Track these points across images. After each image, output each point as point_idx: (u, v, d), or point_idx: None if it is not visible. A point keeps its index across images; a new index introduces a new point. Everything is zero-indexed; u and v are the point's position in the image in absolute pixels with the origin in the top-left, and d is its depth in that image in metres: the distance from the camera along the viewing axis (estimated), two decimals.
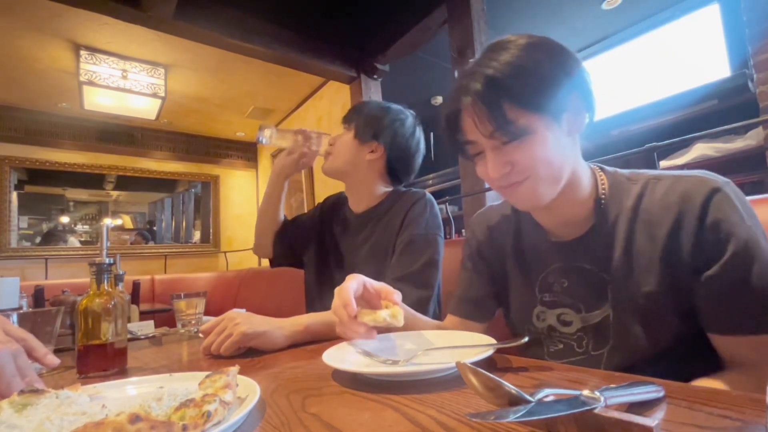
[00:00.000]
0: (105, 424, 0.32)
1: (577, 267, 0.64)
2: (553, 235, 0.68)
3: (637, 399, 0.31)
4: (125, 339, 0.68)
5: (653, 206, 0.58)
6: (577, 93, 0.59)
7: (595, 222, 0.63)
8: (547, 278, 0.67)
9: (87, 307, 0.64)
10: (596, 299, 0.62)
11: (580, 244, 0.64)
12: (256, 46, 2.65)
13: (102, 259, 0.67)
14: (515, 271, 0.73)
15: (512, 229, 0.75)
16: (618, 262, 0.60)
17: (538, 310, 0.68)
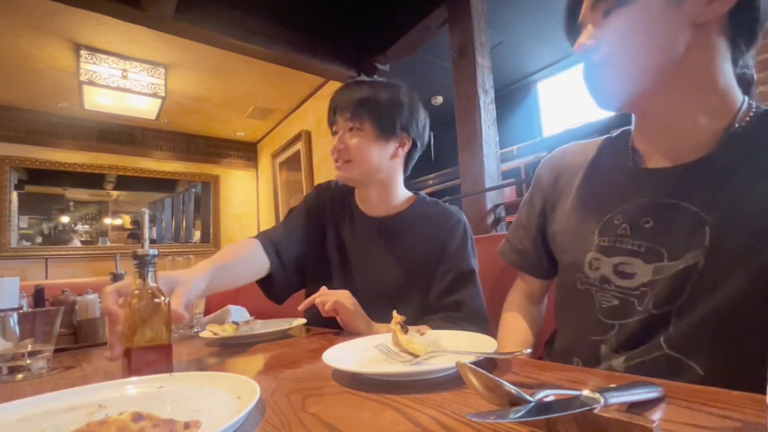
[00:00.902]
0: (108, 422, 0.32)
1: (672, 204, 0.52)
2: (650, 160, 0.56)
3: (637, 399, 0.31)
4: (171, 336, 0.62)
5: None
6: None
7: (719, 149, 0.50)
8: (614, 218, 0.56)
9: (139, 305, 0.58)
10: (686, 245, 0.49)
11: (685, 173, 0.52)
12: (256, 46, 2.66)
13: (145, 250, 0.60)
14: (577, 207, 0.62)
15: (587, 161, 0.63)
16: (731, 201, 0.47)
17: (591, 255, 0.58)
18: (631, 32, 0.50)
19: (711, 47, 0.49)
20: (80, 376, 0.67)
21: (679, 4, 0.48)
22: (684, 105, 0.51)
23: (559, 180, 0.67)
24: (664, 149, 0.54)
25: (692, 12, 0.47)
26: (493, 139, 2.29)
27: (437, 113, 4.97)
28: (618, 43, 0.51)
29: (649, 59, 0.50)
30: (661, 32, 0.49)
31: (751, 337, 0.47)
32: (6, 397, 0.50)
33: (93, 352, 0.88)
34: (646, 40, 0.49)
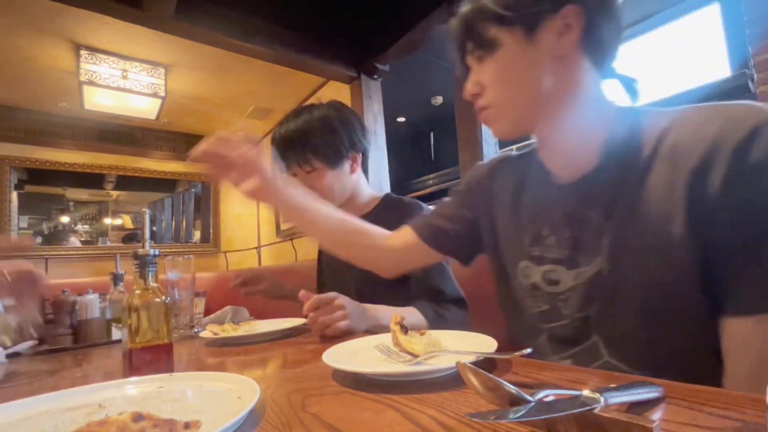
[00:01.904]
0: (108, 422, 0.32)
1: (579, 214, 0.56)
2: (557, 177, 0.61)
3: (637, 399, 0.31)
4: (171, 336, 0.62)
5: (681, 138, 0.47)
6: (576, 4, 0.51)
7: (602, 159, 0.54)
8: (542, 230, 0.61)
9: (140, 305, 0.58)
10: (592, 250, 0.54)
11: (582, 184, 0.56)
12: (256, 46, 2.65)
13: (146, 250, 0.60)
14: (510, 220, 0.66)
15: (518, 175, 0.68)
16: (625, 206, 0.51)
17: (524, 264, 0.62)
18: (501, 75, 0.55)
19: (576, 72, 0.54)
20: (80, 376, 0.67)
21: (536, 43, 0.53)
22: (566, 128, 0.56)
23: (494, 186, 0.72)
24: (563, 166, 0.60)
25: (548, 48, 0.53)
26: (492, 139, 2.29)
27: (437, 113, 4.97)
28: (493, 86, 0.56)
29: (523, 96, 0.55)
30: (526, 71, 0.54)
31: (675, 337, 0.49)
32: (6, 397, 0.50)
33: (93, 352, 0.88)
34: (515, 80, 0.55)
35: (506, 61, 0.55)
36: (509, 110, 0.57)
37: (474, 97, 0.59)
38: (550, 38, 0.52)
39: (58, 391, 0.45)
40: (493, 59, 0.55)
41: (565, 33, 0.52)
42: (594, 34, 0.53)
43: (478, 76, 0.58)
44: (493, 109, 0.58)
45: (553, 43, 0.52)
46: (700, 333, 0.48)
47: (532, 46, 0.53)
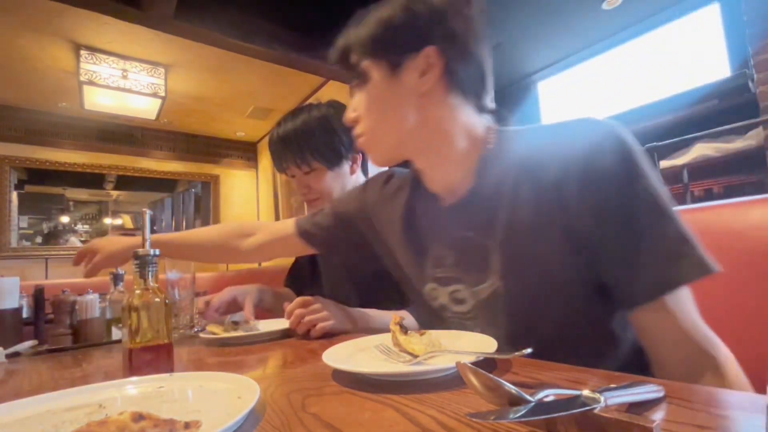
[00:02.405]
0: (108, 422, 0.32)
1: (461, 235, 0.59)
2: (442, 200, 0.63)
3: (637, 399, 0.31)
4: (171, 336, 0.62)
5: (540, 154, 0.53)
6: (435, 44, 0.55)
7: (475, 182, 0.58)
8: (440, 251, 0.62)
9: (140, 305, 0.58)
10: (482, 271, 0.56)
11: (460, 208, 0.60)
12: (256, 46, 2.66)
13: (146, 250, 0.60)
14: (408, 244, 0.67)
15: (405, 200, 0.69)
16: (502, 224, 0.54)
17: (430, 287, 0.64)
18: (370, 107, 0.59)
19: (441, 107, 0.57)
20: (80, 376, 0.67)
21: (399, 79, 0.56)
22: (438, 156, 0.60)
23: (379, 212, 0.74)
24: (443, 190, 0.63)
25: (411, 84, 0.56)
26: None
27: None
28: (364, 116, 0.60)
29: (389, 128, 0.59)
30: (391, 104, 0.57)
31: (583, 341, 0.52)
32: (6, 397, 0.50)
33: (93, 352, 0.88)
34: (381, 112, 0.59)
35: (374, 94, 0.59)
36: (378, 140, 0.61)
37: (352, 123, 0.63)
38: (412, 75, 0.56)
39: (58, 391, 0.45)
40: (364, 91, 0.60)
41: (427, 71, 0.55)
42: (454, 74, 0.56)
43: (355, 103, 0.62)
44: (365, 138, 0.62)
45: (416, 80, 0.56)
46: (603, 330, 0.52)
47: (396, 81, 0.56)
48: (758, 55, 1.87)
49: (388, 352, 0.56)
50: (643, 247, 0.46)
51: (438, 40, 0.55)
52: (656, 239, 0.46)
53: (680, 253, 0.46)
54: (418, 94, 0.56)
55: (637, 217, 0.47)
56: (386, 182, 0.76)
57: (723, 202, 0.72)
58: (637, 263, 0.47)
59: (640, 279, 0.47)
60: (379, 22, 0.56)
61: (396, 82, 0.56)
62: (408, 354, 0.53)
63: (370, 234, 0.77)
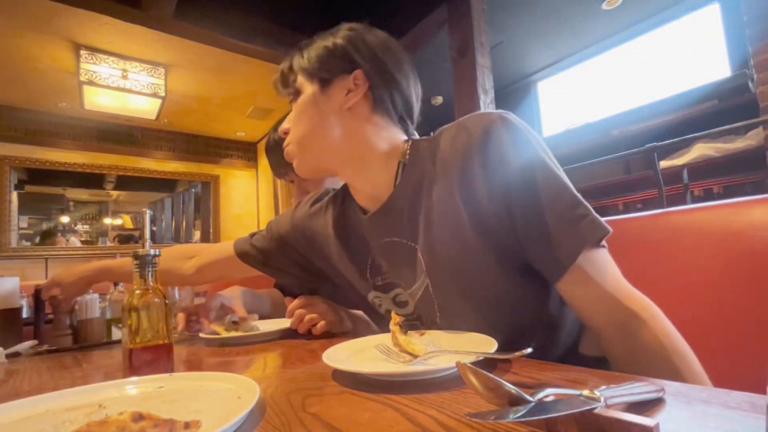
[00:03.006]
0: (108, 422, 0.32)
1: (390, 242, 0.63)
2: (367, 209, 0.67)
3: (637, 399, 0.31)
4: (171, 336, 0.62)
5: (444, 154, 0.58)
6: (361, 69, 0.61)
7: (395, 189, 0.62)
8: (375, 259, 0.66)
9: (140, 305, 0.58)
10: (412, 271, 0.60)
11: (384, 214, 0.63)
12: (256, 46, 2.66)
13: (146, 250, 0.60)
14: (346, 258, 0.70)
15: (335, 215, 0.73)
16: (423, 223, 0.58)
17: (372, 295, 0.67)
18: (297, 118, 0.64)
19: (363, 123, 0.63)
20: (80, 376, 0.67)
21: (327, 95, 0.62)
22: (361, 167, 0.64)
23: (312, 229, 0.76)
24: (367, 199, 0.66)
25: (336, 100, 0.62)
26: None
27: (437, 113, 4.97)
28: (294, 127, 0.65)
29: (313, 138, 0.63)
30: (316, 116, 0.62)
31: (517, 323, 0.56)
32: (6, 397, 0.50)
33: (93, 352, 0.88)
34: (307, 122, 0.63)
35: (302, 105, 0.64)
36: (302, 149, 0.65)
37: (283, 135, 0.68)
38: (340, 93, 0.62)
39: (58, 391, 0.45)
40: (297, 105, 0.65)
41: (353, 90, 0.62)
42: (378, 96, 0.63)
43: (289, 117, 0.68)
44: (291, 147, 0.66)
45: (341, 97, 0.62)
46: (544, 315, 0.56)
47: (324, 97, 0.62)
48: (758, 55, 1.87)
49: (388, 352, 0.56)
50: (549, 220, 0.50)
51: (366, 67, 0.62)
52: (557, 209, 0.50)
53: (577, 217, 0.50)
54: (342, 109, 0.62)
55: (538, 192, 0.51)
56: (314, 202, 0.79)
57: (723, 202, 0.72)
58: (547, 236, 0.50)
59: (554, 250, 0.50)
60: (321, 47, 0.63)
61: (325, 97, 0.62)
62: (408, 354, 0.53)
63: (308, 252, 0.78)
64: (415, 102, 0.67)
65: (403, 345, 0.53)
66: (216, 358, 0.72)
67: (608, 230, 0.50)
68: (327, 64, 0.62)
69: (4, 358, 0.81)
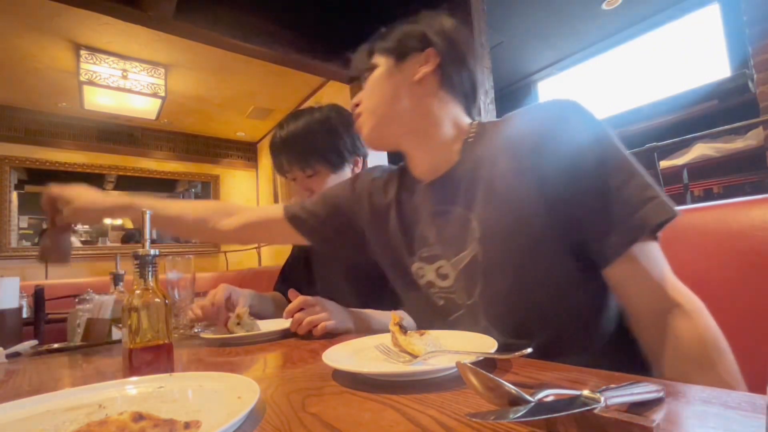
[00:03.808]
0: (108, 422, 0.32)
1: (443, 210, 0.65)
2: (422, 180, 0.71)
3: (637, 399, 0.31)
4: (171, 336, 0.62)
5: (514, 135, 0.60)
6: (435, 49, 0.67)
7: (457, 161, 0.66)
8: (424, 231, 0.68)
9: (140, 305, 0.58)
10: (462, 241, 0.62)
11: (443, 183, 0.67)
12: (256, 46, 2.65)
13: (146, 250, 0.60)
14: (395, 228, 0.73)
15: (394, 188, 0.76)
16: (483, 194, 0.60)
17: (416, 266, 0.69)
18: (371, 89, 0.69)
19: (431, 98, 0.67)
20: (80, 376, 0.67)
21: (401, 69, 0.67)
22: (424, 138, 0.68)
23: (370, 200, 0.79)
24: (427, 171, 0.70)
25: (409, 73, 0.67)
26: None
27: None
28: (366, 98, 0.70)
29: (385, 107, 0.68)
30: (390, 87, 0.67)
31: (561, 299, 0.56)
32: (6, 397, 0.50)
33: (93, 352, 0.88)
34: (380, 93, 0.68)
35: (377, 78, 0.69)
36: (374, 117, 0.69)
37: (354, 108, 0.72)
38: (411, 67, 0.67)
39: (58, 391, 0.45)
40: (370, 78, 0.70)
41: (424, 65, 0.66)
42: (446, 73, 0.67)
43: (360, 92, 0.72)
44: (363, 116, 0.70)
45: (413, 71, 0.67)
46: (578, 293, 0.56)
47: (397, 70, 0.68)
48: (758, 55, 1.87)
49: (388, 352, 0.56)
50: (614, 203, 0.51)
51: (438, 45, 0.67)
52: (624, 193, 0.51)
53: (644, 198, 0.51)
54: (413, 81, 0.66)
55: (607, 177, 0.52)
56: (376, 175, 0.82)
57: (723, 202, 0.72)
58: (609, 218, 0.51)
59: (613, 232, 0.51)
60: (400, 30, 0.70)
61: (398, 70, 0.67)
62: (408, 354, 0.53)
63: (358, 222, 0.80)
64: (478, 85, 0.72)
65: (403, 345, 0.53)
66: (216, 358, 0.72)
67: (675, 212, 0.50)
68: (404, 41, 0.68)
69: (4, 358, 0.81)
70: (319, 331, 0.77)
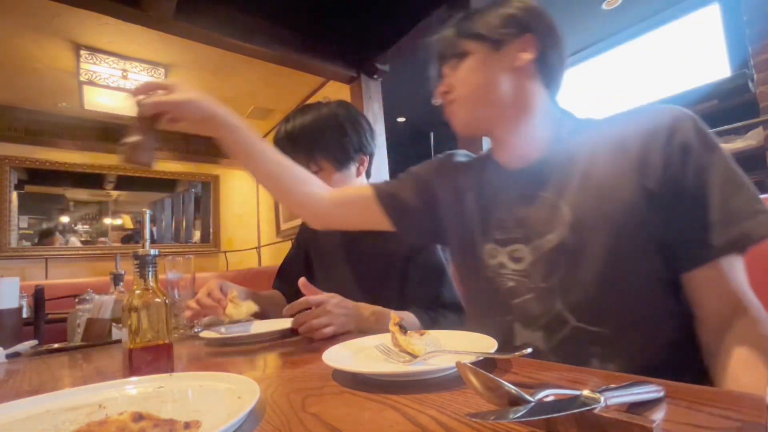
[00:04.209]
0: (108, 422, 0.32)
1: (531, 195, 0.66)
2: (508, 165, 0.72)
3: (637, 399, 0.31)
4: (171, 336, 0.62)
5: (620, 128, 0.61)
6: (533, 34, 0.66)
7: (552, 149, 0.67)
8: (502, 215, 0.69)
9: (140, 305, 0.58)
10: (550, 224, 0.62)
11: (534, 170, 0.67)
12: (256, 46, 2.65)
13: (146, 250, 0.60)
14: (473, 211, 0.74)
15: (477, 172, 0.77)
16: (579, 182, 0.61)
17: (489, 247, 0.70)
18: (469, 75, 0.68)
19: (528, 84, 0.67)
20: (80, 376, 0.67)
21: (499, 55, 0.66)
22: (517, 125, 0.68)
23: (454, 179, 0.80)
24: (515, 158, 0.71)
25: (508, 59, 0.66)
26: None
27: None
28: (461, 84, 0.68)
29: (483, 93, 0.67)
30: (489, 73, 0.66)
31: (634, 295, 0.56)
32: (6, 397, 0.50)
33: (93, 352, 0.88)
34: (479, 79, 0.67)
35: (474, 63, 0.67)
36: (470, 104, 0.68)
37: (444, 95, 0.71)
38: (510, 53, 0.66)
39: (58, 391, 0.45)
40: (463, 64, 0.68)
41: (523, 51, 0.66)
42: (544, 59, 0.67)
43: (450, 78, 0.70)
44: (457, 103, 0.69)
45: (513, 57, 0.66)
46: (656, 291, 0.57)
47: (496, 56, 0.66)
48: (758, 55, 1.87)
49: (388, 352, 0.56)
50: (717, 210, 0.52)
51: (539, 32, 0.66)
52: (732, 203, 0.52)
53: (753, 210, 0.52)
54: (512, 68, 0.66)
55: (712, 183, 0.53)
56: (460, 159, 0.83)
57: None
58: (708, 224, 0.52)
59: (710, 238, 0.52)
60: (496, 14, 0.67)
61: (497, 57, 0.66)
62: (408, 354, 0.53)
63: (445, 199, 0.80)
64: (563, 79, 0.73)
65: (403, 345, 0.53)
66: (216, 358, 0.72)
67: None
68: (502, 27, 0.66)
69: (4, 358, 0.81)
70: (317, 337, 0.77)
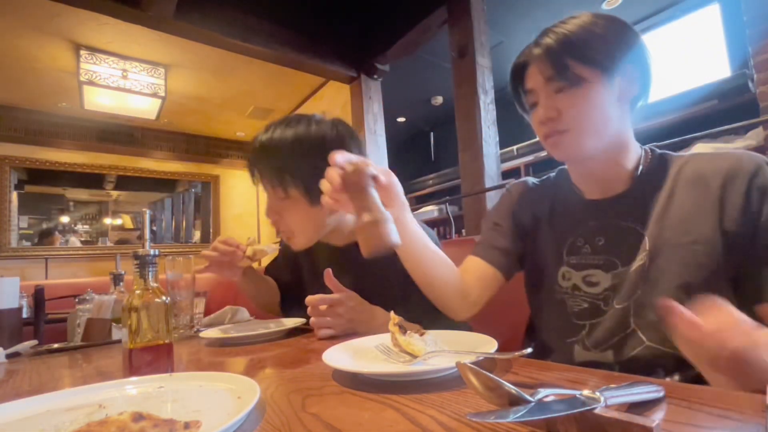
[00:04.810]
0: (108, 422, 0.32)
1: (613, 224, 0.68)
2: (589, 194, 0.73)
3: (637, 399, 0.31)
4: (171, 336, 0.62)
5: (700, 167, 0.63)
6: (634, 65, 0.65)
7: (635, 183, 0.68)
8: (577, 241, 0.71)
9: (140, 305, 0.57)
10: (630, 253, 0.65)
11: (616, 202, 0.69)
12: (256, 46, 2.66)
13: (146, 250, 0.60)
14: (547, 235, 0.76)
15: (549, 197, 0.78)
16: (658, 215, 0.64)
17: (563, 270, 0.72)
18: (586, 107, 0.64)
19: (627, 113, 0.67)
20: (80, 376, 0.67)
21: (612, 85, 0.64)
22: (614, 155, 0.68)
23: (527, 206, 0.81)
24: (599, 188, 0.71)
25: (620, 91, 0.65)
26: (493, 139, 2.29)
27: (437, 113, 4.97)
28: (576, 115, 0.65)
29: (598, 127, 0.65)
30: (605, 107, 0.65)
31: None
32: (6, 397, 0.50)
33: (93, 352, 0.88)
34: (596, 113, 0.64)
35: (593, 94, 0.64)
36: (585, 137, 0.65)
37: (550, 121, 0.67)
38: (619, 83, 0.64)
39: (58, 391, 0.45)
40: (578, 92, 0.64)
41: (630, 83, 0.65)
42: (640, 90, 0.66)
43: (556, 102, 0.65)
44: (571, 135, 0.66)
45: (623, 89, 0.65)
46: None
47: (609, 87, 0.64)
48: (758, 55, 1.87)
49: (388, 352, 0.56)
50: None
51: (639, 65, 0.65)
52: None
53: None
54: (621, 98, 0.65)
55: None
56: (530, 186, 0.83)
57: None
58: None
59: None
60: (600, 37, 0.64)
61: (609, 87, 0.64)
62: (408, 354, 0.53)
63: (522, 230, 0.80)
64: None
65: (403, 345, 0.53)
66: (216, 358, 0.72)
67: None
68: (611, 54, 0.64)
69: (4, 358, 0.81)
70: (316, 335, 0.78)
